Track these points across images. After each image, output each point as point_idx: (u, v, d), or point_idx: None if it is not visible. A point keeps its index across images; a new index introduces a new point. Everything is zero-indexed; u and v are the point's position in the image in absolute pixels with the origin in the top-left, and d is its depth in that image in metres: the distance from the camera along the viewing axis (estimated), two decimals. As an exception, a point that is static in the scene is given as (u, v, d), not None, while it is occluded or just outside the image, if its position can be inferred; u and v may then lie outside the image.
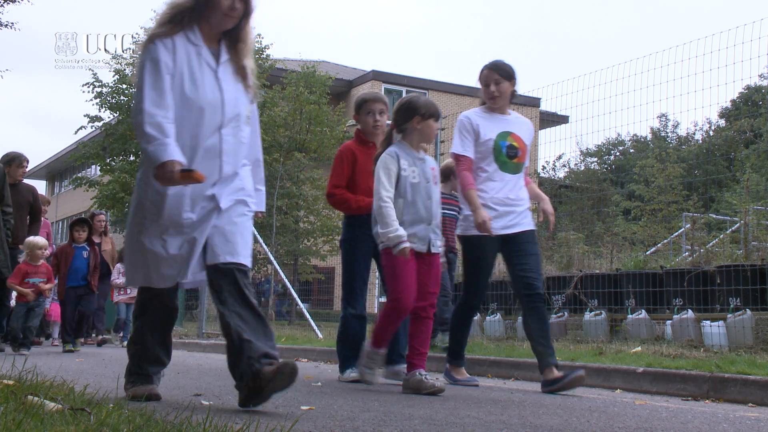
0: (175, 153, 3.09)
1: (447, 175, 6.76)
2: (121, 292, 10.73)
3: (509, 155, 4.75)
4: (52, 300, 9.90)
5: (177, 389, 4.12)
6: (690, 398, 4.51)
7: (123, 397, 3.31)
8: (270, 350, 3.11)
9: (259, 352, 3.08)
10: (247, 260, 3.30)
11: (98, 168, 24.16)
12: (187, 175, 3.08)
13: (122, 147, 21.51)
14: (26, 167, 8.39)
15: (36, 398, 2.58)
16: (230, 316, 3.17)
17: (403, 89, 31.72)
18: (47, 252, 8.39)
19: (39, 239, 8.39)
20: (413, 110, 4.35)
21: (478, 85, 4.88)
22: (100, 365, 6.23)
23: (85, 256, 8.89)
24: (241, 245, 3.30)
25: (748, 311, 6.66)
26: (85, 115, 21.80)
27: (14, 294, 9.71)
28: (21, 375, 3.36)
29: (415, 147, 4.39)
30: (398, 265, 4.20)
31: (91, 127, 22.25)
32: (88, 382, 3.40)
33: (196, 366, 6.46)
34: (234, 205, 3.32)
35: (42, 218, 9.23)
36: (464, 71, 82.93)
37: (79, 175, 27.44)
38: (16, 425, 2.06)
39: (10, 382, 3.04)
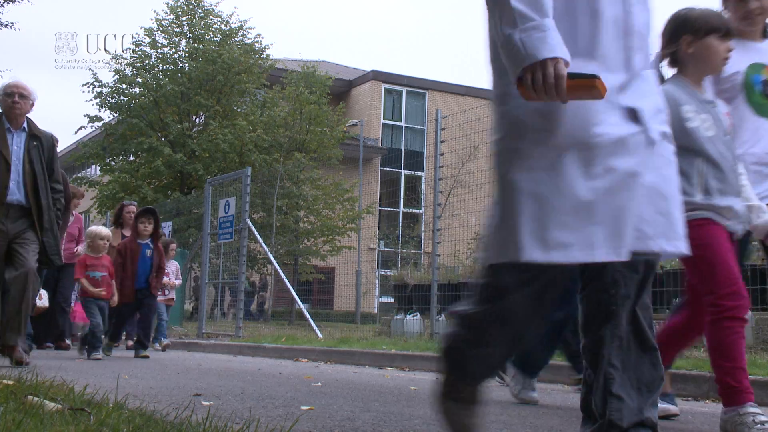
0: (558, 45, 1.83)
1: None
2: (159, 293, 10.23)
3: (766, 93, 3.38)
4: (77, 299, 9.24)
5: (177, 389, 4.12)
6: (690, 398, 4.50)
7: (124, 396, 3.19)
8: (648, 414, 1.98)
9: (632, 420, 1.94)
10: (687, 247, 2.02)
11: (98, 168, 24.17)
12: (583, 85, 1.83)
13: (122, 147, 21.51)
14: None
15: (36, 398, 2.58)
16: (610, 343, 1.98)
17: (403, 89, 31.73)
18: (109, 244, 7.66)
19: (102, 228, 7.69)
20: (681, 27, 2.96)
21: (720, 4, 3.43)
22: (100, 365, 6.23)
23: (148, 255, 7.83)
24: (679, 221, 2.01)
25: (749, 311, 6.66)
26: (85, 115, 21.80)
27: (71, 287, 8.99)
28: (21, 375, 3.36)
29: (697, 84, 2.99)
30: (712, 246, 2.84)
31: (91, 127, 22.26)
32: (88, 382, 3.40)
33: (196, 366, 6.46)
34: (662, 143, 2.01)
35: (74, 211, 8.74)
36: (464, 71, 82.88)
37: (79, 175, 27.44)
38: (16, 425, 2.06)
39: (10, 382, 3.04)
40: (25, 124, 5.76)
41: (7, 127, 5.70)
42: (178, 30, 21.94)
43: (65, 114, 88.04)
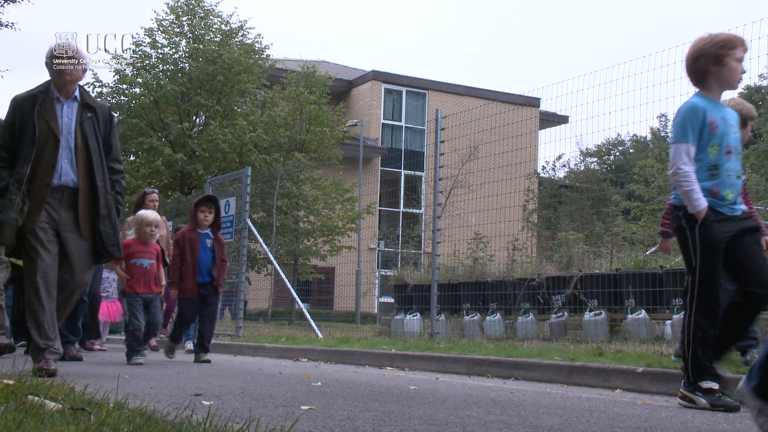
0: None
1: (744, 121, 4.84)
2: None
3: None
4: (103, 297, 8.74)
5: (177, 389, 4.12)
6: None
7: (124, 396, 3.25)
8: None
9: None
10: None
11: (98, 168, 24.15)
12: None
13: (122, 147, 21.52)
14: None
15: (36, 398, 2.58)
16: None
17: (403, 89, 31.74)
18: (158, 232, 6.85)
19: (149, 213, 6.79)
20: None
21: None
22: (100, 365, 6.23)
23: (209, 245, 7.01)
24: None
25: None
26: (85, 115, 21.82)
27: (116, 284, 8.60)
28: (21, 375, 3.36)
29: None
30: None
31: (92, 127, 22.27)
32: (89, 382, 3.40)
33: (196, 366, 6.46)
34: None
35: None
36: (464, 72, 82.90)
37: (79, 175, 27.40)
38: (16, 425, 2.06)
39: (11, 382, 3.04)
40: (76, 93, 4.93)
41: (55, 96, 4.87)
42: (178, 30, 21.95)
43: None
